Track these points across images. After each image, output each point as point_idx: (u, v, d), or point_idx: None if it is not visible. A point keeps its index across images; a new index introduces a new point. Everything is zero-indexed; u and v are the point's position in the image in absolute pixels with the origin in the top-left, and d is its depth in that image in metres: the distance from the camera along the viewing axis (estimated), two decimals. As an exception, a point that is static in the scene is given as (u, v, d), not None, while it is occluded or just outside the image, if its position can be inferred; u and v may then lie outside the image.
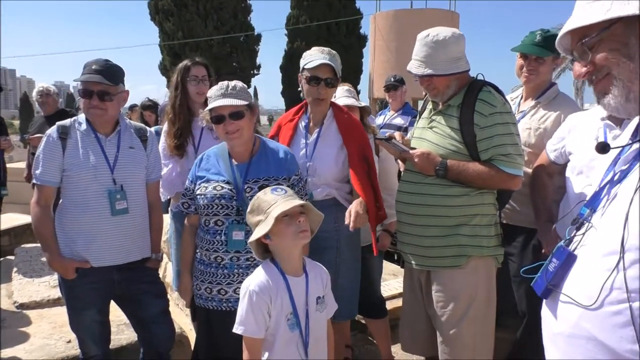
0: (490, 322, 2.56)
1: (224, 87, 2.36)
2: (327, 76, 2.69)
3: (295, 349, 1.99)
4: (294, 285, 1.99)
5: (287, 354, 1.98)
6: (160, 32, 21.03)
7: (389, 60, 16.15)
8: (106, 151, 2.58)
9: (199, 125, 3.25)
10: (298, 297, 1.99)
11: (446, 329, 2.51)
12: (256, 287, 1.94)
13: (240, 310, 1.96)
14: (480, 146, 2.42)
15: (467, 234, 2.47)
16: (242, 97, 2.35)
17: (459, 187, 2.47)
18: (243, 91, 2.38)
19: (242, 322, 1.94)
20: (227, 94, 2.34)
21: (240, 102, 2.32)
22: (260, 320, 1.93)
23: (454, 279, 2.49)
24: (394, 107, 5.67)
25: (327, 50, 2.75)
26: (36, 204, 2.55)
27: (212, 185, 2.40)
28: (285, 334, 1.97)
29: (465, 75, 2.52)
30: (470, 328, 2.49)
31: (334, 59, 2.72)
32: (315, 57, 2.70)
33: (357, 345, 3.78)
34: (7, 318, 3.52)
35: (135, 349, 2.95)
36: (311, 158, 2.77)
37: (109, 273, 2.57)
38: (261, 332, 1.95)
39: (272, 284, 1.96)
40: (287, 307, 1.97)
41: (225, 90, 2.35)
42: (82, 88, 2.52)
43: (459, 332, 2.48)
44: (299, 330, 1.98)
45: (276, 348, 1.97)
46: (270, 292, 1.94)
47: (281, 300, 1.96)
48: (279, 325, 1.96)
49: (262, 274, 1.99)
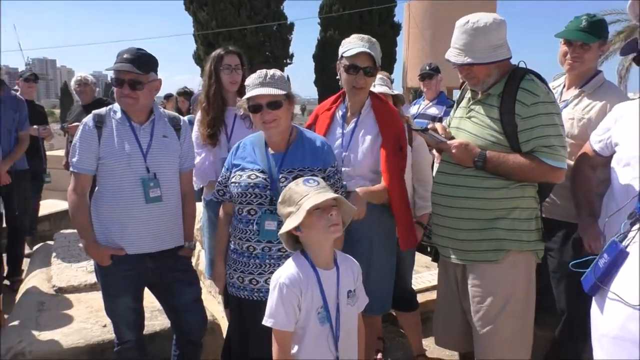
0: (528, 319, 2.49)
1: (263, 75, 2.32)
2: (366, 65, 2.64)
3: (326, 343, 1.96)
4: (324, 279, 1.96)
5: (318, 348, 1.95)
6: (194, 21, 21.23)
7: (423, 48, 15.88)
8: (140, 139, 2.59)
9: (232, 114, 3.26)
10: (329, 291, 1.96)
11: (482, 324, 2.45)
12: (286, 279, 1.92)
13: (270, 303, 1.94)
14: (521, 137, 2.33)
15: (505, 228, 2.40)
16: (280, 87, 2.32)
17: (498, 180, 2.40)
18: (281, 80, 2.34)
19: (271, 315, 1.92)
20: (265, 82, 2.30)
21: (278, 92, 2.29)
22: (290, 313, 1.91)
23: (491, 274, 2.43)
24: (428, 97, 5.57)
25: (366, 38, 2.68)
26: (73, 191, 2.59)
27: (246, 173, 2.39)
28: (316, 327, 1.94)
29: (507, 63, 2.43)
30: (508, 324, 2.42)
31: (374, 47, 2.65)
32: (354, 45, 2.64)
33: (388, 337, 3.75)
34: (46, 302, 3.60)
35: (168, 335, 2.98)
36: (347, 148, 2.72)
37: (143, 261, 2.59)
38: (291, 325, 1.92)
39: (302, 277, 1.93)
40: (317, 301, 1.94)
41: (264, 79, 2.31)
42: (114, 77, 2.53)
43: (496, 328, 2.42)
44: (330, 325, 1.95)
45: (306, 341, 1.95)
46: (301, 285, 1.92)
47: (312, 293, 1.93)
48: (309, 319, 1.94)
49: (292, 267, 1.96)
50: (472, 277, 2.49)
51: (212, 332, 3.27)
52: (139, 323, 2.76)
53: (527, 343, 2.50)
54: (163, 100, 8.92)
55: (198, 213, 3.57)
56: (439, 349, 3.42)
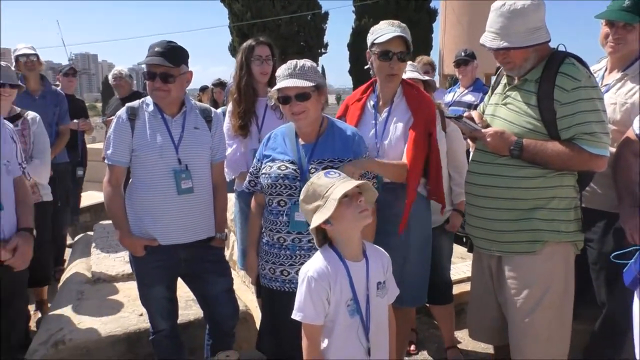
0: (566, 312, 2.41)
1: (292, 66, 2.31)
2: (400, 50, 2.57)
3: (356, 335, 1.94)
4: (353, 271, 1.93)
5: (348, 341, 1.94)
6: (230, 13, 21.40)
7: (460, 34, 15.55)
8: (172, 131, 2.61)
9: (263, 105, 3.25)
10: (358, 283, 1.93)
11: (518, 317, 2.39)
12: (315, 273, 1.90)
13: (298, 296, 1.93)
14: (560, 124, 2.25)
15: (543, 218, 2.33)
16: (309, 78, 2.29)
17: (535, 169, 2.32)
18: (311, 71, 2.32)
19: (300, 309, 1.91)
20: (295, 74, 2.29)
21: (306, 84, 2.27)
22: (319, 306, 1.89)
23: (527, 265, 2.36)
24: (464, 84, 5.44)
25: (397, 23, 2.62)
26: (108, 183, 2.64)
27: (276, 164, 2.38)
28: (345, 320, 1.92)
29: (545, 47, 2.34)
30: (545, 317, 2.35)
31: (406, 31, 2.59)
32: (385, 30, 2.58)
33: (421, 329, 3.70)
34: (85, 291, 3.71)
35: (202, 324, 3.03)
36: (381, 138, 2.67)
37: (176, 251, 2.62)
38: (320, 318, 1.91)
39: (331, 270, 1.91)
40: (346, 293, 1.92)
41: (293, 70, 2.30)
42: (146, 70, 2.56)
43: (532, 321, 2.35)
44: (360, 316, 1.93)
45: (336, 334, 1.93)
46: (329, 279, 1.90)
47: (340, 286, 1.91)
48: (339, 312, 1.92)
49: (320, 260, 1.94)
50: (507, 269, 2.43)
51: (245, 322, 3.31)
52: (172, 312, 2.81)
53: (565, 337, 2.42)
54: (199, 93, 9.03)
55: (230, 204, 3.60)
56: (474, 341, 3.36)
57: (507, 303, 2.45)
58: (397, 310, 2.21)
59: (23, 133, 3.69)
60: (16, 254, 2.34)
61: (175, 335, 2.82)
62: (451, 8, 16.25)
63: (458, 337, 3.62)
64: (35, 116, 3.81)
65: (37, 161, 3.71)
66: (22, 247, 2.37)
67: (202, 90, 9.06)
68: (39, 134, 3.77)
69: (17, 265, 2.36)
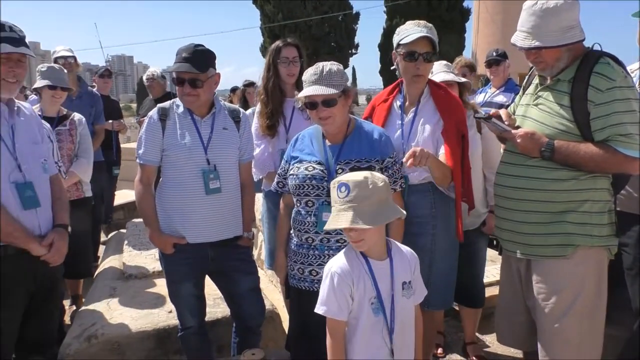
0: (599, 318, 2.34)
1: (318, 72, 2.31)
2: (426, 50, 2.55)
3: (380, 333, 1.93)
4: (377, 269, 1.93)
5: (371, 339, 1.94)
6: (261, 14, 21.56)
7: (494, 33, 15.32)
8: (201, 132, 2.65)
9: (291, 105, 3.27)
10: (382, 281, 1.93)
11: (548, 322, 2.33)
12: (338, 269, 1.92)
13: (322, 291, 1.95)
14: (594, 125, 2.18)
15: (575, 222, 2.27)
16: (335, 83, 2.30)
17: (567, 171, 2.26)
18: (338, 75, 2.32)
19: (323, 302, 1.93)
20: (321, 80, 2.29)
21: (332, 91, 2.28)
22: (342, 302, 1.90)
23: (558, 270, 2.31)
24: (495, 84, 5.36)
25: (423, 23, 2.60)
26: (139, 182, 2.70)
27: (304, 165, 2.40)
28: (369, 318, 1.92)
29: (579, 46, 2.27)
30: (575, 324, 2.28)
31: (432, 31, 2.57)
32: (411, 31, 2.57)
33: (449, 332, 3.66)
34: (117, 287, 3.80)
35: (229, 322, 3.06)
36: (407, 139, 2.64)
37: (204, 250, 2.66)
38: (343, 314, 1.92)
39: (354, 267, 1.92)
40: (370, 291, 1.92)
41: (320, 75, 2.30)
42: (175, 76, 2.60)
43: (562, 327, 2.29)
44: (384, 315, 1.93)
45: (359, 332, 1.94)
46: (353, 275, 1.91)
47: (364, 283, 1.91)
48: (362, 309, 1.92)
49: (343, 257, 1.96)
50: (537, 273, 2.37)
51: (272, 320, 3.33)
52: (200, 310, 2.85)
53: (597, 343, 2.35)
54: (230, 94, 9.11)
55: (257, 204, 3.63)
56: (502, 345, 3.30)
57: (536, 308, 2.39)
58: (423, 312, 2.19)
59: (71, 133, 3.87)
60: (52, 249, 2.42)
61: (203, 333, 2.86)
62: (485, 7, 16.00)
63: (487, 341, 3.57)
64: (81, 118, 3.98)
65: (83, 160, 3.90)
66: (57, 242, 2.44)
67: (232, 91, 9.15)
68: (84, 135, 3.95)
69: (52, 260, 2.44)
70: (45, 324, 2.59)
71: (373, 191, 1.84)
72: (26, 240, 2.35)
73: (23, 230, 2.35)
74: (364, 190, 1.83)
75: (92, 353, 3.02)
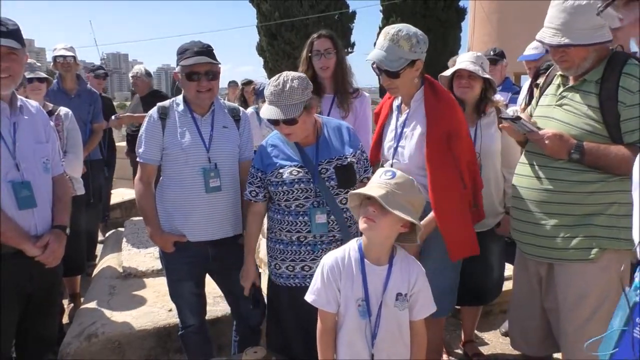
0: (625, 323, 2.34)
1: (278, 90, 2.25)
2: (386, 68, 2.44)
3: (363, 336, 1.94)
4: (370, 272, 1.94)
5: (354, 340, 1.96)
6: (258, 13, 21.49)
7: (489, 33, 15.28)
8: (201, 130, 2.65)
9: (328, 101, 3.22)
10: (373, 286, 1.93)
11: (571, 327, 2.31)
12: (330, 261, 1.97)
13: (314, 280, 2.01)
14: (625, 127, 2.16)
15: (601, 225, 2.24)
16: (295, 102, 2.25)
17: (595, 173, 2.23)
18: (298, 92, 2.25)
19: (313, 292, 1.99)
20: (280, 100, 2.25)
21: (291, 115, 2.25)
22: (331, 294, 1.95)
23: (583, 273, 2.28)
24: (493, 83, 5.35)
25: (390, 35, 2.40)
26: (139, 180, 2.70)
27: (287, 170, 2.40)
28: (355, 319, 1.94)
29: (605, 47, 2.24)
30: (601, 328, 2.28)
31: (393, 47, 2.39)
32: (374, 50, 2.47)
33: (448, 330, 3.67)
34: (116, 286, 3.80)
35: (229, 320, 3.06)
36: (398, 141, 2.61)
37: (204, 248, 2.66)
38: (331, 306, 1.96)
39: (347, 263, 1.95)
40: (358, 292, 1.93)
41: (279, 95, 2.25)
42: (189, 72, 2.54)
43: (587, 333, 2.25)
44: (369, 320, 1.93)
45: (344, 330, 1.97)
46: (342, 270, 1.94)
47: (352, 282, 1.93)
48: (348, 308, 1.95)
49: (340, 251, 2.00)
50: (560, 277, 2.33)
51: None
52: (201, 308, 2.85)
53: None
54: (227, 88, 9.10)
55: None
56: (502, 343, 3.32)
57: (559, 312, 2.36)
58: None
59: (57, 129, 3.78)
60: (46, 250, 2.38)
61: (204, 331, 2.86)
62: (480, 6, 15.99)
63: (486, 338, 3.59)
64: (68, 112, 3.86)
65: (71, 155, 3.80)
66: (52, 244, 2.40)
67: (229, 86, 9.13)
68: (71, 129, 3.84)
69: (47, 262, 2.40)
70: (46, 323, 2.58)
71: (411, 192, 1.89)
72: (19, 240, 2.31)
73: (17, 229, 2.31)
74: (405, 184, 1.89)
75: (93, 352, 3.02)
